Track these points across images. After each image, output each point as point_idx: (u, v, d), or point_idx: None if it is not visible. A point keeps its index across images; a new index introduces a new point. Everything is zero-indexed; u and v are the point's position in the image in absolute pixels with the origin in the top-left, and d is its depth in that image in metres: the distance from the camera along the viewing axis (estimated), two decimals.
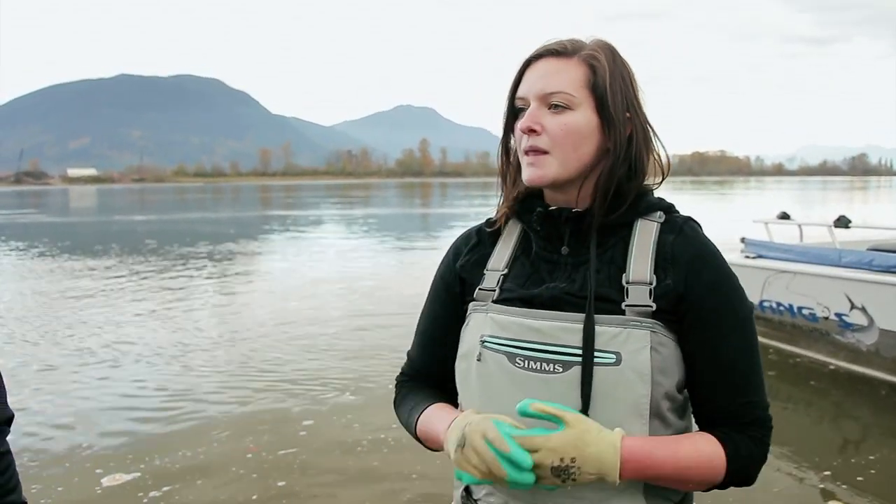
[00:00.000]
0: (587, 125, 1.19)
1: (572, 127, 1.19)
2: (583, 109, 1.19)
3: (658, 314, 1.16)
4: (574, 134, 1.19)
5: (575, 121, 1.19)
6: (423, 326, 1.43)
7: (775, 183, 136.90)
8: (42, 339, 8.74)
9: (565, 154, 1.19)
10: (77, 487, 4.50)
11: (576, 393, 1.14)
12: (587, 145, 1.20)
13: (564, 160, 1.20)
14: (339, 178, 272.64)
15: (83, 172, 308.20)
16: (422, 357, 1.43)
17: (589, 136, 1.20)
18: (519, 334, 1.20)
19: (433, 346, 1.39)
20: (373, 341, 8.39)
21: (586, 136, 1.20)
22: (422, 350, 1.43)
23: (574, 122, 1.19)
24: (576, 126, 1.19)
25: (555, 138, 1.19)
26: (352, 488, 4.45)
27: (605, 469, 1.07)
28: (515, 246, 1.31)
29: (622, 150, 1.20)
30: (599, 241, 1.23)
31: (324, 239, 23.16)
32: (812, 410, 6.11)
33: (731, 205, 43.18)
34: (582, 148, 1.20)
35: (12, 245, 21.59)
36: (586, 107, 1.19)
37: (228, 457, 4.93)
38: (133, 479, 4.57)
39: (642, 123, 1.24)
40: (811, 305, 6.76)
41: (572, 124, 1.19)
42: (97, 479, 4.57)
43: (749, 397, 1.19)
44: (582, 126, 1.19)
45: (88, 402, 6.29)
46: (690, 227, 1.24)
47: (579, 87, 1.19)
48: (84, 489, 4.47)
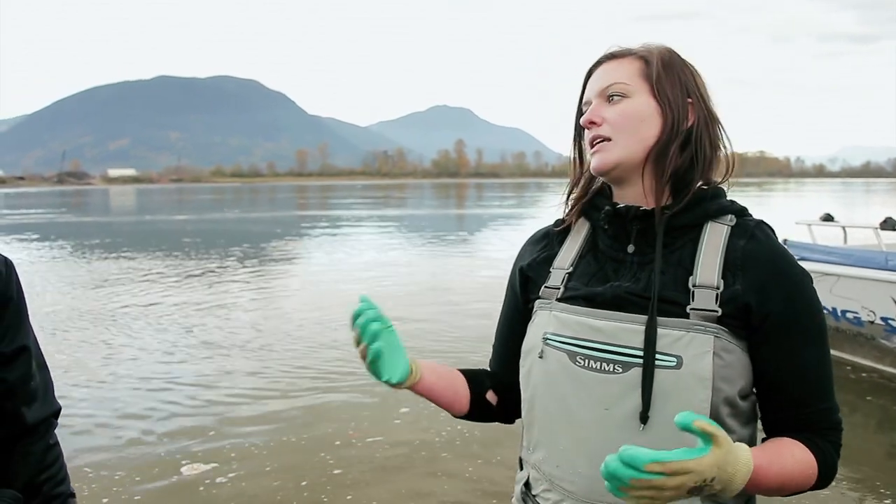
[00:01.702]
0: (645, 108, 1.22)
1: (629, 111, 1.22)
2: (639, 95, 1.22)
3: (724, 319, 1.14)
4: (632, 118, 1.22)
5: (632, 106, 1.22)
6: (498, 326, 1.46)
7: (816, 184, 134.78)
8: (121, 333, 9.01)
9: (627, 137, 1.22)
10: (157, 477, 4.63)
11: (634, 394, 1.14)
12: (647, 128, 1.22)
13: (626, 144, 1.22)
14: (374, 179, 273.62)
15: (123, 173, 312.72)
16: (495, 360, 1.47)
17: (648, 118, 1.22)
18: (580, 333, 1.21)
19: (502, 347, 1.44)
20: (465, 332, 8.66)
21: (645, 119, 1.22)
22: (494, 353, 1.47)
23: (631, 107, 1.22)
24: (633, 110, 1.22)
25: (614, 124, 1.22)
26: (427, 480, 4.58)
27: (733, 487, 1.03)
28: (582, 245, 1.32)
29: (680, 132, 1.22)
30: (667, 241, 1.22)
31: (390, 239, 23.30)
32: (857, 417, 5.98)
33: (771, 206, 42.52)
34: (642, 131, 1.22)
35: (67, 243, 22.00)
36: (642, 93, 1.22)
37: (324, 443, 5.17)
38: (211, 469, 4.72)
39: (706, 113, 1.24)
40: (856, 309, 6.63)
41: (629, 109, 1.22)
42: (177, 469, 4.73)
43: (827, 403, 1.19)
44: (640, 109, 1.22)
45: (170, 393, 6.52)
46: (762, 231, 1.22)
47: (634, 76, 1.23)
48: (164, 478, 4.61)
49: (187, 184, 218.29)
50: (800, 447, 1.15)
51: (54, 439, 1.47)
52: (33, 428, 1.41)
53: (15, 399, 1.39)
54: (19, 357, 1.41)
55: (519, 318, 1.36)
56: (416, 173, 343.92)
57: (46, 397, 1.46)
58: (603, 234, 1.29)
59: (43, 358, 1.50)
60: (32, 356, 1.44)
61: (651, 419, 1.13)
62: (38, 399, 1.43)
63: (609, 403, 1.16)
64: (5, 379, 1.38)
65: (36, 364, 1.45)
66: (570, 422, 1.21)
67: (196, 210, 45.69)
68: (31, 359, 1.43)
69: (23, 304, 1.45)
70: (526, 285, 1.36)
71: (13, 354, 1.40)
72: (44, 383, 1.46)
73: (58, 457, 1.47)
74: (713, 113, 1.26)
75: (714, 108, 1.26)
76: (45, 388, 1.47)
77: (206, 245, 20.82)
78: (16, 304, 1.42)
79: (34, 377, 1.43)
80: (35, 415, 1.42)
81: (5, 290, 1.40)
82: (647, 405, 1.12)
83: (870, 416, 5.97)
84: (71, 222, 34.56)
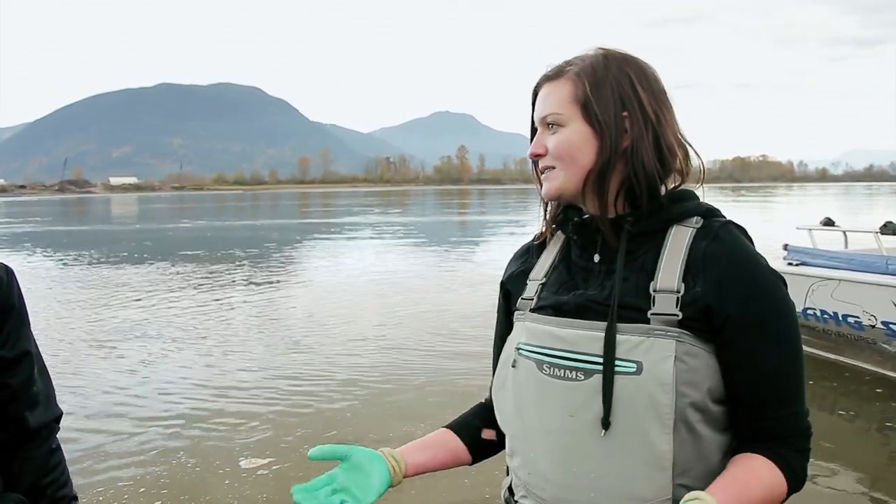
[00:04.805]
0: (579, 136, 1.23)
1: (564, 142, 1.23)
2: (573, 123, 1.23)
3: (686, 323, 1.14)
4: (567, 147, 1.23)
5: (566, 136, 1.23)
6: (494, 343, 1.46)
7: (819, 188, 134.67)
8: (173, 331, 9.33)
9: (567, 166, 1.24)
10: (216, 468, 4.84)
11: (597, 401, 1.15)
12: (584, 155, 1.23)
13: (567, 171, 1.24)
14: (377, 185, 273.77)
15: (124, 181, 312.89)
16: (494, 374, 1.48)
17: (583, 145, 1.23)
18: (546, 341, 1.23)
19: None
20: None
21: (580, 146, 1.23)
22: (493, 368, 1.46)
23: (565, 137, 1.23)
24: (567, 140, 1.23)
25: (554, 155, 1.25)
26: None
27: None
28: (557, 256, 1.34)
29: (617, 152, 1.21)
30: (631, 248, 1.22)
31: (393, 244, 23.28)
32: (858, 422, 5.96)
33: (773, 211, 42.47)
34: (580, 159, 1.23)
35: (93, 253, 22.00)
36: (576, 120, 1.23)
37: None
38: (268, 463, 4.93)
39: (644, 121, 1.21)
40: (857, 314, 6.62)
41: (563, 140, 1.23)
42: (235, 462, 4.90)
43: (791, 408, 1.17)
44: (573, 139, 1.23)
45: (228, 391, 6.76)
46: (727, 230, 1.20)
47: (567, 103, 1.23)
48: (223, 471, 4.78)
49: (189, 192, 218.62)
50: (766, 466, 1.14)
51: (56, 443, 1.52)
52: (36, 432, 1.45)
53: (18, 403, 1.43)
54: (22, 362, 1.45)
55: (509, 332, 1.36)
56: (419, 180, 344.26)
57: (49, 402, 1.51)
58: (574, 244, 1.31)
59: (44, 363, 1.54)
60: (35, 361, 1.48)
61: (613, 425, 1.14)
62: (40, 404, 1.47)
63: (573, 410, 1.18)
64: (8, 384, 1.43)
65: (37, 369, 1.49)
66: (539, 429, 1.23)
67: (201, 216, 45.64)
68: (33, 364, 1.47)
69: (24, 310, 1.50)
70: (508, 299, 1.40)
71: (16, 359, 1.44)
72: (45, 388, 1.50)
73: (60, 461, 1.51)
74: (657, 117, 1.22)
75: (660, 111, 1.23)
76: (47, 394, 1.51)
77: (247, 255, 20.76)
78: (17, 311, 1.46)
79: (36, 382, 1.48)
80: (38, 419, 1.46)
81: (7, 297, 1.45)
82: (608, 411, 1.13)
83: (871, 421, 5.96)
84: (69, 231, 34.60)
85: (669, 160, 1.23)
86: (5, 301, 1.44)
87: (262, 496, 4.49)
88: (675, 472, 1.13)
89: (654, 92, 1.24)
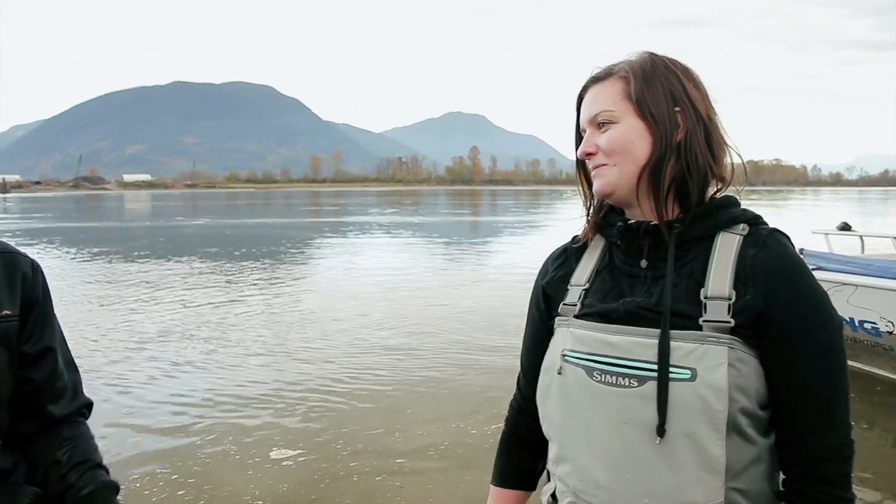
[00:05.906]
0: (633, 131, 1.23)
1: (618, 137, 1.24)
2: (626, 119, 1.24)
3: (737, 330, 1.16)
4: (623, 142, 1.23)
5: (619, 131, 1.24)
6: (525, 345, 1.47)
7: (833, 193, 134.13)
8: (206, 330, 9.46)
9: (621, 160, 1.24)
10: (250, 457, 5.11)
11: (650, 407, 1.16)
12: (639, 149, 1.23)
13: (621, 166, 1.24)
14: (388, 185, 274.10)
15: (138, 177, 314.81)
16: (525, 381, 1.47)
17: (637, 139, 1.23)
18: (596, 348, 1.23)
19: (533, 368, 1.41)
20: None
21: (635, 140, 1.23)
22: (524, 373, 1.48)
23: (618, 132, 1.24)
24: (620, 135, 1.24)
25: (607, 151, 1.25)
26: None
27: None
28: (598, 261, 1.35)
29: (672, 145, 1.22)
30: (679, 254, 1.23)
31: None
32: (875, 431, 5.86)
33: (787, 215, 42.26)
34: (634, 152, 1.23)
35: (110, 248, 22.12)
36: (629, 115, 1.24)
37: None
38: (296, 454, 5.16)
39: (696, 117, 1.23)
40: (874, 320, 6.52)
41: (616, 135, 1.24)
42: (266, 453, 5.17)
43: (832, 420, 1.17)
44: (627, 133, 1.23)
45: (258, 386, 6.88)
46: (774, 239, 1.21)
47: (618, 100, 1.25)
48: (256, 460, 5.05)
49: (202, 189, 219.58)
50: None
51: (85, 427, 1.56)
52: (59, 422, 1.50)
53: (42, 397, 1.47)
54: (44, 358, 1.47)
55: (545, 334, 1.37)
56: (430, 180, 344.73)
57: (75, 394, 1.55)
58: (617, 250, 1.31)
59: (71, 357, 1.57)
60: (59, 356, 1.51)
61: (668, 432, 1.14)
62: (65, 397, 1.51)
63: (626, 417, 1.18)
64: (31, 378, 1.46)
65: (63, 363, 1.52)
66: (589, 436, 1.23)
67: (218, 214, 45.82)
68: (57, 359, 1.50)
69: (49, 305, 1.52)
70: (548, 303, 1.39)
71: (39, 355, 1.46)
72: (72, 382, 1.54)
73: (80, 434, 1.53)
74: (708, 115, 1.25)
75: (709, 110, 1.26)
76: (74, 387, 1.55)
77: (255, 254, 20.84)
78: (41, 306, 1.49)
79: (61, 376, 1.51)
80: (62, 411, 1.50)
81: (31, 292, 1.47)
82: (664, 418, 1.14)
83: (888, 430, 5.86)
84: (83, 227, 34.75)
85: (721, 156, 1.26)
86: (30, 296, 1.46)
87: (283, 486, 4.61)
88: (728, 476, 1.14)
89: (701, 90, 1.27)
